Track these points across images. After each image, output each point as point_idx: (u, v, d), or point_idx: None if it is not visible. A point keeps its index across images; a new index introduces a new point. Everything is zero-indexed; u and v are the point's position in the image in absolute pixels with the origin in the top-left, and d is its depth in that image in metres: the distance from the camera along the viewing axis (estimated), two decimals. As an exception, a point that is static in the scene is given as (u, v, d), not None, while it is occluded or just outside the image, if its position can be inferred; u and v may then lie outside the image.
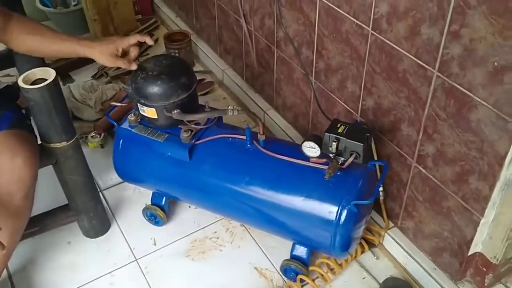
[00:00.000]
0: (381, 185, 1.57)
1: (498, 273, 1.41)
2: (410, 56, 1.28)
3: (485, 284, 1.42)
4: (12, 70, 1.53)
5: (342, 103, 1.63)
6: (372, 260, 1.63)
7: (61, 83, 2.34)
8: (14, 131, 1.36)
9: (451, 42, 1.15)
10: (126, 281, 1.60)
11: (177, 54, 2.36)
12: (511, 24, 1.00)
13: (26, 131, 1.41)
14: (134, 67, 1.44)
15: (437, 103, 1.26)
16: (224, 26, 2.20)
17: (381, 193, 1.59)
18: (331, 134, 1.34)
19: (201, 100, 1.59)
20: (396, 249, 1.60)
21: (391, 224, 1.62)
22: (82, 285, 1.59)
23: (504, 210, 1.25)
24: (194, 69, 2.45)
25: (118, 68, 2.37)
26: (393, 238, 1.60)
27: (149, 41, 1.47)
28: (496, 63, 1.06)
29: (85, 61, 2.47)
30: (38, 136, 1.46)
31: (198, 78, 2.31)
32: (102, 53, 1.40)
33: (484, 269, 1.39)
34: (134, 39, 1.44)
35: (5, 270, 1.56)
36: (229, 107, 1.41)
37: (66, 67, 2.43)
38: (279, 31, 1.79)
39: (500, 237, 1.31)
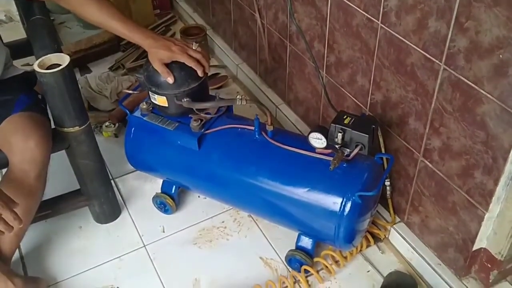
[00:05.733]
0: (389, 180, 1.58)
1: (503, 270, 1.40)
2: (418, 49, 1.28)
3: (490, 281, 1.41)
4: (32, 59, 1.57)
5: (352, 97, 1.64)
6: (377, 254, 1.63)
7: (79, 73, 2.41)
8: (28, 113, 1.40)
9: (458, 35, 1.15)
10: (134, 266, 1.63)
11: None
12: (516, 16, 1.00)
13: (40, 114, 1.45)
14: (170, 80, 1.45)
15: (444, 97, 1.26)
16: (239, 21, 2.23)
17: (388, 188, 1.59)
18: (336, 125, 1.35)
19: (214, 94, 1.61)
20: (402, 244, 1.59)
21: (398, 219, 1.63)
22: (91, 268, 1.62)
23: (509, 205, 1.25)
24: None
25: (135, 60, 2.43)
26: (399, 233, 1.60)
27: (200, 73, 1.48)
28: (501, 56, 1.06)
29: (106, 53, 2.53)
30: (52, 121, 1.50)
31: (212, 72, 2.37)
32: (156, 55, 1.43)
33: (489, 265, 1.39)
34: (190, 62, 1.45)
35: (17, 251, 1.60)
36: (238, 97, 1.43)
37: (85, 58, 2.48)
38: (291, 25, 1.81)
39: (505, 232, 1.30)
